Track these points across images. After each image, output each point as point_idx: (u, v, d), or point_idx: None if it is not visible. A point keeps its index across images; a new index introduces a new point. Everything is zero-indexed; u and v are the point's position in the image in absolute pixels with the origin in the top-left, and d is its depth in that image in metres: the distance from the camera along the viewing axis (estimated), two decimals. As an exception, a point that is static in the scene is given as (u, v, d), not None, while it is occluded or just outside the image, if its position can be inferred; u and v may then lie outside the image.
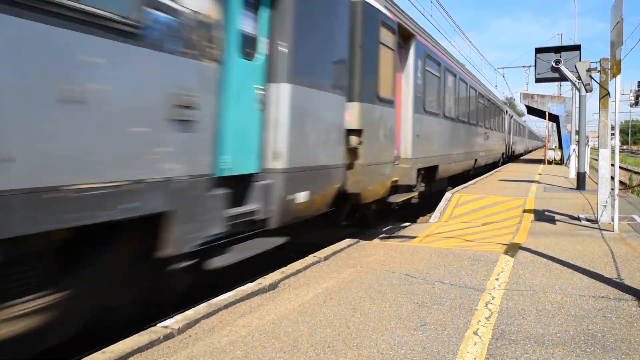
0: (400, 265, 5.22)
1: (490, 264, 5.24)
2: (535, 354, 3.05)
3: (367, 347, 3.14)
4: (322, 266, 5.16)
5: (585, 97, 12.57)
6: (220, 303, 3.83)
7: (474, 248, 6.12)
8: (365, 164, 6.49)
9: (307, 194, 5.07)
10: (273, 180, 4.63)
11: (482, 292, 4.29)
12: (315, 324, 3.54)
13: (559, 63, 11.65)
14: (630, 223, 7.84)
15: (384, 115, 7.21)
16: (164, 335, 3.22)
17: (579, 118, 13.27)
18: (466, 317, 3.67)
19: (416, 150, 9.14)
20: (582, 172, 13.14)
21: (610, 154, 8.12)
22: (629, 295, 4.19)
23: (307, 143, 5.12)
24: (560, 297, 4.14)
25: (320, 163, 5.40)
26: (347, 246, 6.12)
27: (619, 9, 6.77)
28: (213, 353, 3.05)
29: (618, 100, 7.18)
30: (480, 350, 3.09)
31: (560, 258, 5.49)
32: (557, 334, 3.36)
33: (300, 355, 3.03)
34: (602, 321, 3.60)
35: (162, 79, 3.32)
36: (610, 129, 8.64)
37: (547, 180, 15.67)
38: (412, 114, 8.94)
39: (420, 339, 3.27)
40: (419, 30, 9.77)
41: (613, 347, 3.15)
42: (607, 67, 8.06)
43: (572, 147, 18.06)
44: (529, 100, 27.44)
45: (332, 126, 5.71)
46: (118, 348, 2.98)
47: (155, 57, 3.23)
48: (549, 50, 12.15)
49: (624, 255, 5.64)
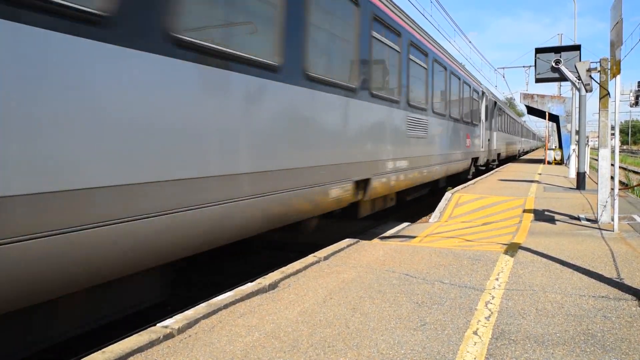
0: (400, 265, 5.22)
1: (490, 264, 5.24)
2: (535, 353, 3.05)
3: (367, 347, 3.14)
4: (322, 266, 5.16)
5: (585, 97, 12.57)
6: (220, 303, 3.83)
7: (474, 248, 6.12)
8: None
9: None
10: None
11: (481, 291, 4.29)
12: (315, 323, 3.54)
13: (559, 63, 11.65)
14: (630, 223, 7.84)
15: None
16: (164, 335, 3.22)
17: (579, 118, 13.27)
18: (466, 316, 3.68)
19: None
20: (582, 172, 13.14)
21: (610, 154, 8.12)
22: (629, 295, 4.19)
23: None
24: (560, 297, 4.14)
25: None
26: (347, 246, 6.12)
27: (618, 9, 6.77)
28: (213, 353, 3.05)
29: (618, 100, 7.18)
30: (480, 350, 3.09)
31: (560, 258, 5.49)
32: (557, 334, 3.36)
33: (300, 355, 3.03)
34: (602, 321, 3.60)
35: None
36: (610, 129, 8.64)
37: (547, 180, 15.67)
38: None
39: (420, 339, 3.27)
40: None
41: (613, 347, 3.15)
42: (607, 67, 8.06)
43: (572, 147, 18.06)
44: (529, 101, 27.45)
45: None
46: (118, 348, 2.98)
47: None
48: (549, 50, 12.15)
49: (624, 255, 5.64)
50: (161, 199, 3.47)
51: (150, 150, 3.39)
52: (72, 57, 2.87)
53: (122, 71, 3.18)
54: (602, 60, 8.37)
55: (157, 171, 3.44)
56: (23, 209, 2.62)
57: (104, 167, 3.06)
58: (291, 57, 5.19)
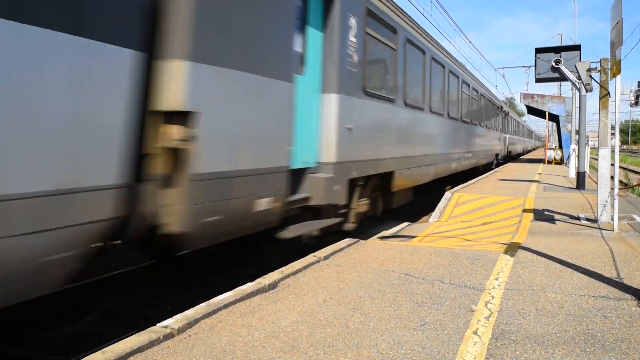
0: (400, 264, 5.22)
1: (490, 264, 5.24)
2: (535, 353, 3.05)
3: (366, 347, 3.14)
4: (322, 266, 5.16)
5: (585, 97, 12.57)
6: (220, 303, 3.83)
7: (474, 247, 6.12)
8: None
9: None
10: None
11: (481, 291, 4.29)
12: (315, 323, 3.54)
13: (559, 63, 11.66)
14: (630, 222, 7.84)
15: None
16: (164, 335, 3.22)
17: (579, 118, 13.27)
18: (466, 316, 3.68)
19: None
20: (582, 171, 13.14)
21: (610, 154, 8.12)
22: (629, 294, 4.19)
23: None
24: (560, 297, 4.14)
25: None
26: (347, 246, 6.12)
27: (618, 9, 6.77)
28: (213, 353, 3.05)
29: (618, 100, 7.18)
30: (480, 350, 3.09)
31: (559, 257, 5.49)
32: (556, 334, 3.36)
33: (300, 354, 3.03)
34: (602, 321, 3.60)
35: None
36: (610, 129, 8.64)
37: (547, 179, 15.67)
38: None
39: (420, 339, 3.27)
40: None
41: (613, 347, 3.15)
42: (607, 67, 8.06)
43: (572, 146, 18.06)
44: (529, 100, 27.46)
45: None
46: (118, 348, 2.98)
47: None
48: (549, 50, 12.17)
49: (624, 254, 5.64)
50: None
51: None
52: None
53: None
54: (602, 60, 8.38)
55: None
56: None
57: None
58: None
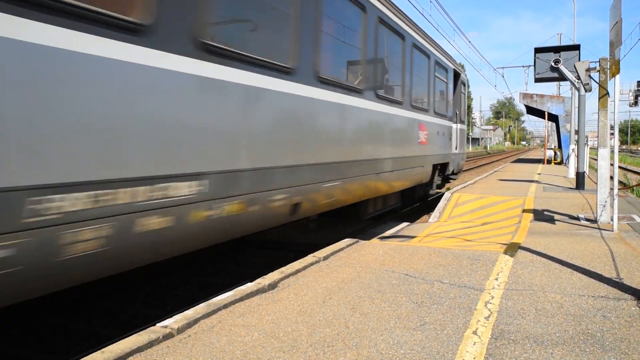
0: (400, 265, 5.22)
1: (490, 264, 5.24)
2: (535, 353, 3.05)
3: (366, 347, 3.14)
4: (322, 266, 5.16)
5: (585, 97, 12.58)
6: (220, 303, 3.83)
7: (474, 248, 6.12)
8: None
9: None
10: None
11: (481, 291, 4.29)
12: (315, 323, 3.54)
13: (558, 63, 11.65)
14: (630, 223, 7.84)
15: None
16: (164, 335, 3.21)
17: (578, 118, 13.27)
18: (465, 316, 3.68)
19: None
20: (582, 171, 13.15)
21: (610, 154, 8.12)
22: (628, 294, 4.19)
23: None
24: (559, 297, 4.14)
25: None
26: (347, 246, 6.12)
27: (618, 9, 6.78)
28: (212, 353, 3.05)
29: (617, 100, 7.18)
30: (480, 350, 3.09)
31: (559, 258, 5.49)
32: (556, 334, 3.36)
33: (300, 355, 3.03)
34: (602, 321, 3.60)
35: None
36: (610, 129, 8.64)
37: (546, 180, 15.68)
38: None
39: (419, 339, 3.27)
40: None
41: (612, 347, 3.15)
42: (606, 67, 8.06)
43: (571, 146, 18.07)
44: (528, 100, 27.49)
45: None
46: (117, 348, 2.97)
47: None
48: (548, 50, 12.15)
49: (623, 254, 5.64)
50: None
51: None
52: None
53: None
54: (602, 59, 8.38)
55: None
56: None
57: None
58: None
